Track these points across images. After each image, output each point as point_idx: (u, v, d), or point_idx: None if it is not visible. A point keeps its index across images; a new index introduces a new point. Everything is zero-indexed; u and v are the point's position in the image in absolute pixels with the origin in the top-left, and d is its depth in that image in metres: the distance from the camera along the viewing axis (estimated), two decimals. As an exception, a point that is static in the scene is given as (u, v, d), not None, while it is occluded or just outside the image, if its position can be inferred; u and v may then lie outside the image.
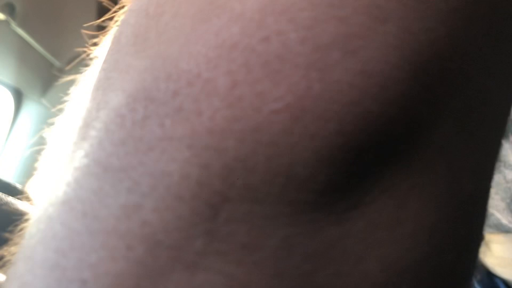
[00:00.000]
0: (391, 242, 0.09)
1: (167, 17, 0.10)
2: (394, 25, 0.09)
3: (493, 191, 0.59)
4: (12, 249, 0.19)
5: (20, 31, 1.07)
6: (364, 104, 0.09)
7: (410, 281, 0.09)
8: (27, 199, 0.85)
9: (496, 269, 0.59)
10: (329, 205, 0.09)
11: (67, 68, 1.21)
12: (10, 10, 1.03)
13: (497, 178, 0.58)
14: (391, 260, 0.09)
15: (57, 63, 1.21)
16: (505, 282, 0.57)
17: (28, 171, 1.25)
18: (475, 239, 0.11)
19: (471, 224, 0.10)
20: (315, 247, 0.09)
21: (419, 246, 0.09)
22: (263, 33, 0.09)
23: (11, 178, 1.19)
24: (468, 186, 0.10)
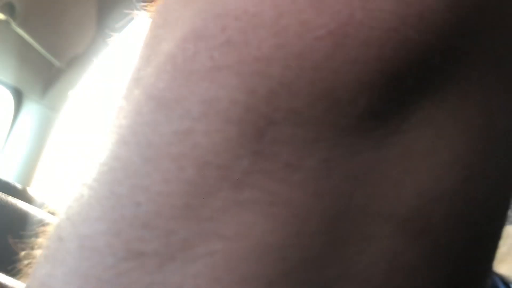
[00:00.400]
0: (426, 169, 0.10)
1: None
2: None
3: None
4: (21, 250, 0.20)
5: (20, 31, 1.07)
6: (404, 31, 0.09)
7: (443, 210, 0.10)
8: (27, 199, 0.85)
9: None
10: (368, 130, 0.09)
11: (67, 68, 1.22)
12: (10, 10, 1.03)
13: None
14: (425, 187, 0.10)
15: (57, 63, 1.21)
16: (501, 277, 0.57)
17: (28, 171, 1.25)
18: (508, 181, 0.11)
19: (502, 161, 0.11)
20: (353, 169, 0.09)
21: (453, 175, 0.10)
22: None
23: (11, 178, 1.19)
24: (502, 123, 0.11)
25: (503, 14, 0.10)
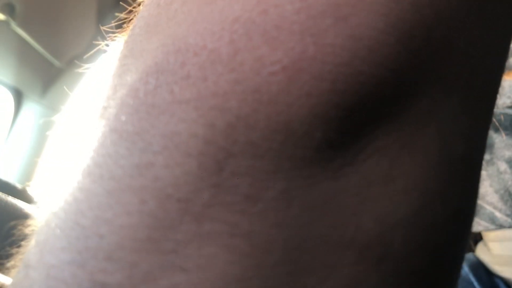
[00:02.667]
0: (384, 197, 0.10)
1: (176, 5, 0.11)
2: None
3: (487, 184, 0.59)
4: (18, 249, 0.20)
5: (20, 31, 1.07)
6: (354, 65, 0.09)
7: (402, 235, 0.10)
8: (27, 198, 0.85)
9: (495, 267, 0.59)
10: (325, 161, 0.10)
11: (67, 68, 1.22)
12: (10, 10, 1.03)
13: (490, 171, 0.59)
14: (384, 214, 0.10)
15: (57, 63, 1.21)
16: (504, 281, 0.57)
17: (28, 171, 1.25)
18: (468, 203, 0.12)
19: (462, 186, 0.11)
20: (312, 200, 0.09)
21: (411, 202, 0.10)
22: (261, 6, 0.10)
23: (10, 178, 1.19)
24: (459, 149, 0.11)
25: (451, 45, 0.10)
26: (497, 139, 0.58)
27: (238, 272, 0.09)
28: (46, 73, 1.21)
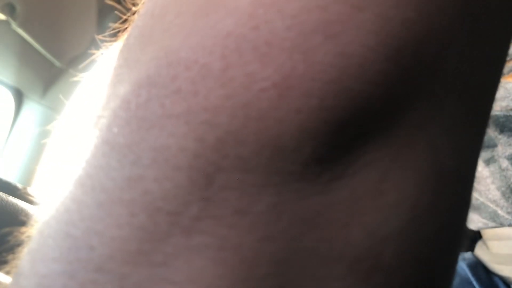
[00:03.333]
0: (374, 211, 0.10)
1: (170, 16, 0.11)
2: (371, 13, 0.10)
3: (489, 181, 0.59)
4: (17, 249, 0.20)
5: (21, 32, 1.07)
6: (343, 82, 0.10)
7: (392, 248, 0.10)
8: (28, 199, 0.85)
9: (494, 266, 0.59)
10: (314, 176, 0.10)
11: (68, 68, 1.22)
12: (10, 10, 1.03)
13: (492, 168, 0.59)
14: (374, 227, 0.10)
15: (57, 63, 1.21)
16: (503, 280, 0.57)
17: (29, 171, 1.25)
18: (459, 216, 0.12)
19: (453, 199, 0.11)
20: (301, 213, 0.10)
21: (401, 215, 0.10)
22: (253, 22, 0.10)
23: (11, 178, 1.19)
24: (450, 163, 0.11)
25: (443, 60, 0.11)
26: (501, 140, 0.58)
27: (226, 285, 0.09)
28: (46, 73, 1.21)
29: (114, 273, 0.09)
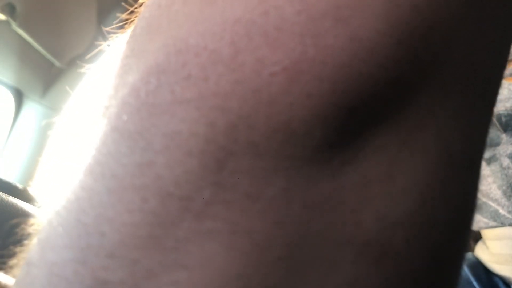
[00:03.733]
0: (384, 196, 0.10)
1: (177, 6, 0.11)
2: None
3: (490, 180, 0.59)
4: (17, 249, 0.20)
5: (21, 32, 1.07)
6: (354, 65, 0.10)
7: (402, 234, 0.10)
8: (28, 199, 0.85)
9: (493, 266, 0.59)
10: (324, 160, 0.10)
11: (68, 68, 1.22)
12: (10, 10, 1.03)
13: (493, 167, 0.59)
14: (384, 212, 0.10)
15: (57, 63, 1.21)
16: (504, 280, 0.57)
17: (29, 171, 1.25)
18: (468, 201, 0.12)
19: (462, 184, 0.11)
20: (312, 198, 0.10)
21: (411, 200, 0.10)
22: (262, 8, 0.10)
23: (11, 178, 1.19)
24: (458, 147, 0.11)
25: (451, 46, 0.11)
26: (504, 138, 0.58)
27: (238, 269, 0.09)
28: (46, 73, 1.21)
29: (126, 258, 0.09)
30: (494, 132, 0.58)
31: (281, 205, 0.09)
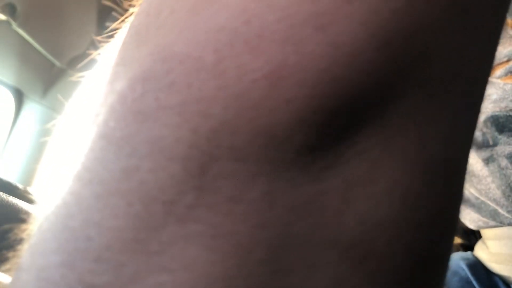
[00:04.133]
0: (366, 198, 0.10)
1: (165, 14, 0.11)
2: (360, 3, 0.10)
3: (489, 180, 0.59)
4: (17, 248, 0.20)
5: (21, 32, 1.07)
6: (333, 71, 0.10)
7: (385, 236, 0.10)
8: (28, 199, 0.85)
9: (493, 266, 0.59)
10: (306, 164, 0.10)
11: (68, 68, 1.22)
12: (11, 10, 1.03)
13: (492, 167, 0.59)
14: (366, 214, 0.10)
15: (57, 63, 1.21)
16: (503, 279, 0.57)
17: (29, 171, 1.25)
18: (451, 203, 0.12)
19: (445, 187, 0.11)
20: (294, 201, 0.10)
21: (393, 203, 0.10)
22: (245, 16, 0.10)
23: (12, 178, 1.19)
24: (440, 153, 0.11)
25: (432, 51, 0.11)
26: (501, 139, 0.58)
27: (221, 272, 0.09)
28: (47, 73, 1.21)
29: (112, 262, 0.10)
30: (490, 133, 0.58)
31: (264, 208, 0.10)
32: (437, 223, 0.11)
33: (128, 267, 0.09)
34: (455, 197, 0.12)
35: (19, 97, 1.21)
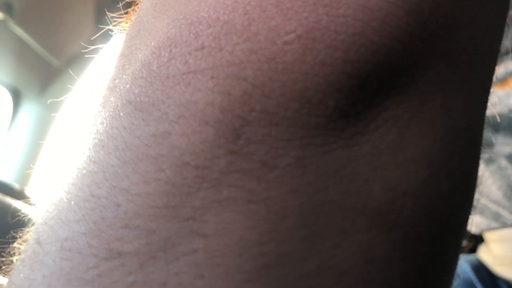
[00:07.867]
0: (394, 166, 0.10)
1: None
2: None
3: (490, 181, 0.59)
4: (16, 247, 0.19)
5: (18, 30, 1.07)
6: (366, 35, 0.10)
7: (411, 203, 0.10)
8: (25, 199, 0.84)
9: (497, 268, 0.59)
10: (338, 130, 0.10)
11: (66, 67, 1.21)
12: (8, 9, 1.03)
13: (492, 168, 0.59)
14: (394, 182, 0.10)
15: (55, 62, 1.20)
16: (507, 282, 0.57)
17: (26, 171, 1.24)
18: (470, 175, 0.12)
19: (465, 158, 0.11)
20: (326, 167, 0.10)
21: (419, 171, 0.10)
22: None
23: (9, 177, 1.18)
24: (462, 122, 0.11)
25: (456, 21, 0.11)
26: (498, 139, 0.58)
27: (255, 237, 0.09)
28: (44, 72, 1.21)
29: (142, 229, 0.09)
30: (487, 133, 0.59)
31: (296, 173, 0.09)
32: (458, 193, 0.11)
33: (159, 234, 0.09)
34: (474, 168, 0.12)
35: (17, 96, 1.21)
